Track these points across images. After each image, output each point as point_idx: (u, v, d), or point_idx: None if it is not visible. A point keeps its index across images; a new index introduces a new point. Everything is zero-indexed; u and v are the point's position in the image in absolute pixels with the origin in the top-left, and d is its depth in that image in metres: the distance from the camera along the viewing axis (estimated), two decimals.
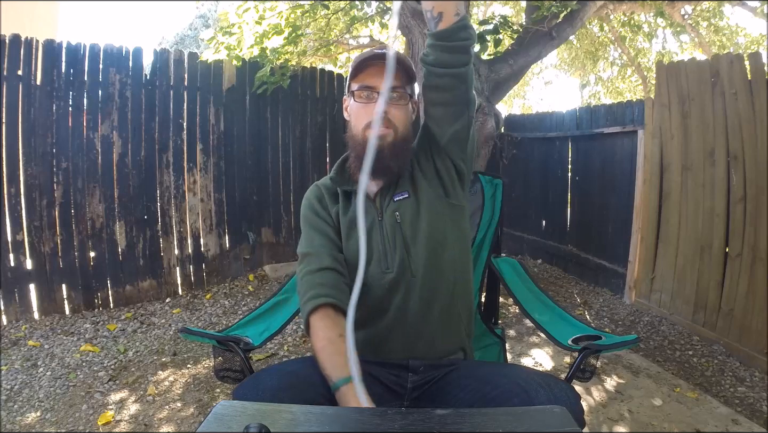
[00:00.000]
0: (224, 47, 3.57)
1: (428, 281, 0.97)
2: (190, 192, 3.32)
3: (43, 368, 2.25)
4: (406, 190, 1.01)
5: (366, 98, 0.97)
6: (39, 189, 2.78)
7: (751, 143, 2.35)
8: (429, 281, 0.97)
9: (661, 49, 6.30)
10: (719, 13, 5.36)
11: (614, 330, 2.84)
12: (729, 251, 2.48)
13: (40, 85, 2.74)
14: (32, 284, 2.78)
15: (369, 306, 0.97)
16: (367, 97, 0.97)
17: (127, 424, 1.83)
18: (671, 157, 2.89)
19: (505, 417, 0.62)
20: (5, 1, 4.77)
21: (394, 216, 0.99)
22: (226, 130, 3.45)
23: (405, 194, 1.00)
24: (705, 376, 2.26)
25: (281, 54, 3.59)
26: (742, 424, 1.84)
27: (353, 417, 0.63)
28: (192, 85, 3.27)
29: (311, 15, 3.96)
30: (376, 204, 1.01)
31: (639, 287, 3.15)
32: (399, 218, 0.98)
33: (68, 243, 2.88)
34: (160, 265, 3.20)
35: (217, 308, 3.08)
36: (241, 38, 3.67)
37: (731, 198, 2.48)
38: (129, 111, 3.03)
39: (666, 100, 2.90)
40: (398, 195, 1.00)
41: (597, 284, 3.62)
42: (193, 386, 2.12)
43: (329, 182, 1.07)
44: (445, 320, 0.99)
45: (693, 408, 1.95)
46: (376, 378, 0.95)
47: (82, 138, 2.90)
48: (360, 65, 0.97)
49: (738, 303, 2.40)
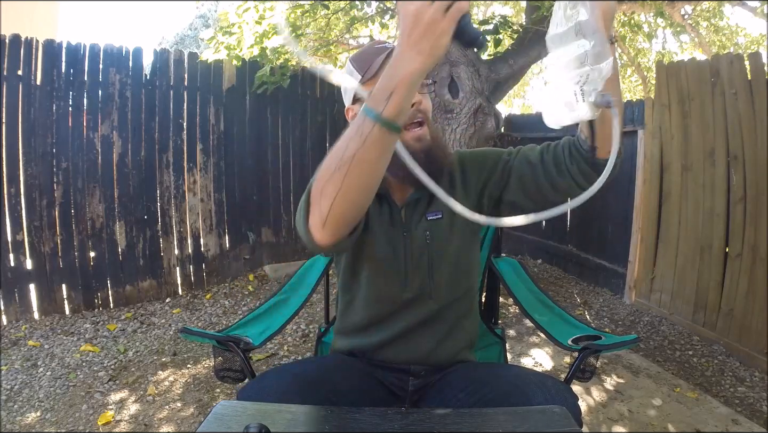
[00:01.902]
0: (224, 47, 3.56)
1: (445, 304, 0.95)
2: (190, 192, 3.32)
3: (43, 368, 2.25)
4: (440, 210, 0.93)
5: None
6: (39, 189, 2.78)
7: (751, 143, 2.35)
8: (445, 304, 0.95)
9: (661, 49, 6.30)
10: (719, 13, 5.36)
11: (614, 330, 2.84)
12: (729, 251, 2.48)
13: (40, 85, 2.74)
14: (32, 284, 2.78)
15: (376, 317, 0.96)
16: None
17: (127, 424, 1.83)
18: (671, 157, 2.89)
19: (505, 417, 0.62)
20: (5, 1, 4.76)
21: (425, 236, 0.92)
22: (226, 130, 3.44)
23: (439, 214, 0.93)
24: (705, 376, 2.26)
25: (281, 54, 3.59)
26: (742, 424, 1.84)
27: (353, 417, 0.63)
28: (192, 85, 3.27)
29: (311, 15, 3.96)
30: (402, 216, 0.93)
31: (639, 287, 3.15)
32: (429, 238, 0.92)
33: (68, 243, 2.88)
34: (160, 265, 3.20)
35: (217, 308, 3.08)
36: (241, 38, 3.67)
37: (731, 198, 2.48)
38: (129, 111, 3.03)
39: (666, 100, 2.90)
40: (432, 214, 0.93)
41: (597, 284, 3.62)
42: (193, 386, 2.12)
43: None
44: (453, 335, 0.98)
45: (693, 408, 1.95)
46: (378, 380, 0.96)
47: (82, 138, 2.90)
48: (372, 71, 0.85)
49: (738, 303, 2.40)
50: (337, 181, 0.64)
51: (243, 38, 3.66)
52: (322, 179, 0.66)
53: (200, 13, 14.68)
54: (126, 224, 3.06)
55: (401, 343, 0.96)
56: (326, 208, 0.66)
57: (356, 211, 0.69)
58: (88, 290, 2.94)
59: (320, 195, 0.66)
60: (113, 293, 3.03)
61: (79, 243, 2.92)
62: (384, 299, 0.94)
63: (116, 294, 3.04)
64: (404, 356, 0.96)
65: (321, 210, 0.66)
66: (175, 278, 3.27)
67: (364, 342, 0.98)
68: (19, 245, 2.72)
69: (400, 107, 0.61)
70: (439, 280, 0.93)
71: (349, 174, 0.63)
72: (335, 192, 0.64)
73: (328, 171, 0.65)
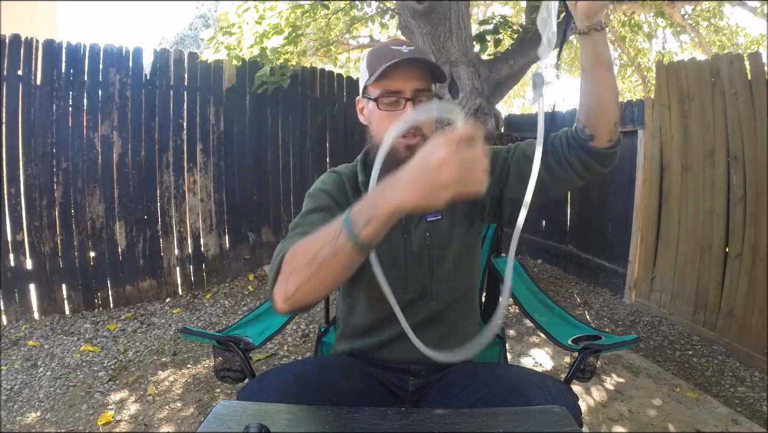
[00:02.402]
0: (224, 47, 3.57)
1: (446, 304, 0.95)
2: (190, 192, 3.32)
3: (43, 368, 2.25)
4: (439, 211, 0.92)
5: (392, 105, 0.87)
6: (39, 189, 2.77)
7: (751, 143, 2.35)
8: (447, 305, 0.95)
9: (661, 49, 6.30)
10: (719, 13, 5.37)
11: (614, 330, 2.84)
12: (729, 251, 2.48)
13: (40, 85, 2.74)
14: (32, 284, 2.78)
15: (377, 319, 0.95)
16: (393, 104, 0.87)
17: (127, 424, 1.83)
18: (671, 158, 2.89)
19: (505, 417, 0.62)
20: (5, 1, 4.77)
21: (424, 237, 0.93)
22: (226, 130, 3.44)
23: (438, 215, 0.94)
24: (705, 376, 2.26)
25: (281, 54, 3.59)
26: (742, 424, 1.84)
27: (353, 417, 0.63)
28: (192, 85, 3.27)
29: (311, 15, 3.96)
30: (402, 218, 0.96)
31: (639, 287, 3.15)
32: (429, 239, 0.93)
33: (68, 243, 2.88)
34: (160, 265, 3.19)
35: (217, 308, 3.08)
36: (241, 38, 3.68)
37: (731, 198, 2.48)
38: (129, 111, 3.02)
39: (666, 100, 2.90)
40: (431, 216, 0.93)
41: (597, 284, 3.62)
42: (193, 386, 2.12)
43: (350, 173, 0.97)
44: (453, 335, 0.98)
45: (693, 408, 1.95)
46: (378, 380, 0.96)
47: (82, 138, 2.90)
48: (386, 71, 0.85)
49: (738, 303, 2.40)
50: (305, 276, 0.68)
51: (243, 38, 3.67)
52: (292, 261, 0.70)
53: (200, 13, 14.68)
54: (126, 224, 3.06)
55: (401, 343, 0.95)
56: (291, 291, 0.70)
57: (319, 298, 0.73)
58: (88, 290, 2.94)
59: (288, 275, 0.70)
60: (113, 293, 3.03)
61: (79, 243, 2.92)
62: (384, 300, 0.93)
63: (116, 294, 3.04)
64: (404, 356, 0.96)
65: (287, 289, 0.70)
66: (175, 278, 3.27)
67: (365, 343, 0.98)
68: (19, 244, 2.72)
69: (377, 234, 0.62)
70: (439, 280, 0.93)
71: (316, 274, 0.67)
72: (300, 283, 0.68)
73: (300, 258, 0.69)
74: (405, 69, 0.85)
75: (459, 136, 0.54)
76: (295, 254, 0.71)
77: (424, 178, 0.55)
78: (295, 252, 0.71)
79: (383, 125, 0.88)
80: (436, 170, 0.54)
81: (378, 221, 0.60)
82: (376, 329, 0.96)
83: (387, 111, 0.87)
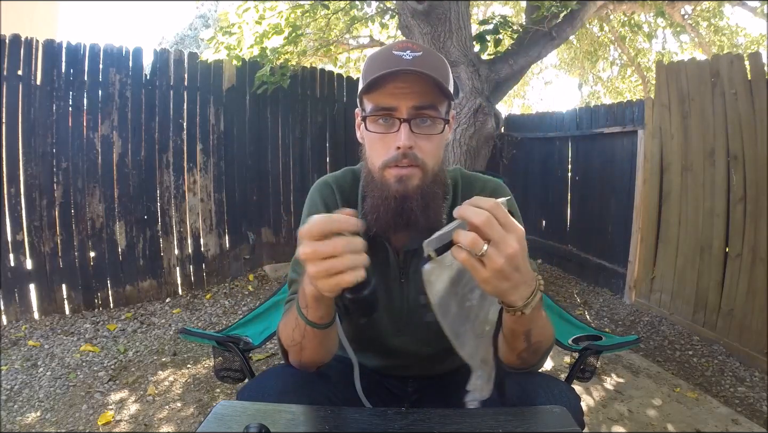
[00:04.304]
0: (224, 47, 3.57)
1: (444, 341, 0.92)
2: (190, 192, 3.32)
3: (43, 368, 2.25)
4: None
5: (384, 126, 0.73)
6: (39, 189, 2.77)
7: (751, 143, 2.35)
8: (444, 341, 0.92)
9: (661, 49, 6.30)
10: (719, 13, 5.36)
11: (614, 330, 2.84)
12: (729, 251, 2.48)
13: (40, 85, 2.74)
14: (32, 284, 2.78)
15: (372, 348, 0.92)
16: (385, 125, 0.73)
17: (127, 424, 1.83)
18: (671, 158, 2.89)
19: (505, 417, 0.62)
20: (5, 1, 4.77)
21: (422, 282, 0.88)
22: (226, 130, 3.44)
23: None
24: (705, 376, 2.26)
25: (281, 54, 3.59)
26: (742, 424, 1.84)
27: (353, 417, 0.63)
28: (192, 85, 3.27)
29: (311, 15, 3.96)
30: (399, 260, 0.84)
31: (639, 287, 3.15)
32: None
33: (68, 243, 2.88)
34: (160, 265, 3.19)
35: (217, 308, 3.08)
36: (241, 38, 3.67)
37: (731, 198, 2.48)
38: (129, 111, 3.02)
39: (666, 100, 2.90)
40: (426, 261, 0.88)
41: (597, 284, 3.62)
42: (193, 386, 2.12)
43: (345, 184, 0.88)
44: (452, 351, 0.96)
45: (693, 408, 1.95)
46: (378, 381, 0.95)
47: (82, 138, 2.90)
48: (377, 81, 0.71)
49: (738, 303, 2.40)
50: (298, 353, 0.75)
51: (243, 38, 3.67)
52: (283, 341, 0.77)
53: (200, 13, 14.69)
54: (126, 223, 3.06)
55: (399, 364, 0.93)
56: (297, 364, 0.78)
57: (327, 358, 0.79)
58: (88, 290, 2.94)
59: (288, 352, 0.78)
60: (113, 293, 3.03)
61: (79, 243, 2.92)
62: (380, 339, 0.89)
63: (116, 294, 3.04)
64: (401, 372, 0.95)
65: (293, 361, 0.78)
66: (175, 278, 3.27)
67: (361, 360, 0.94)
68: (19, 244, 2.72)
69: (317, 316, 0.67)
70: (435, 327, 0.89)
71: (306, 349, 0.74)
72: (298, 359, 0.77)
73: (285, 339, 0.76)
74: (403, 80, 0.71)
75: (311, 230, 0.56)
76: (281, 335, 0.77)
77: (316, 267, 0.57)
78: (279, 334, 0.78)
79: (374, 150, 0.75)
80: (323, 262, 0.56)
81: (311, 307, 0.66)
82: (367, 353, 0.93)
83: (378, 133, 0.74)
